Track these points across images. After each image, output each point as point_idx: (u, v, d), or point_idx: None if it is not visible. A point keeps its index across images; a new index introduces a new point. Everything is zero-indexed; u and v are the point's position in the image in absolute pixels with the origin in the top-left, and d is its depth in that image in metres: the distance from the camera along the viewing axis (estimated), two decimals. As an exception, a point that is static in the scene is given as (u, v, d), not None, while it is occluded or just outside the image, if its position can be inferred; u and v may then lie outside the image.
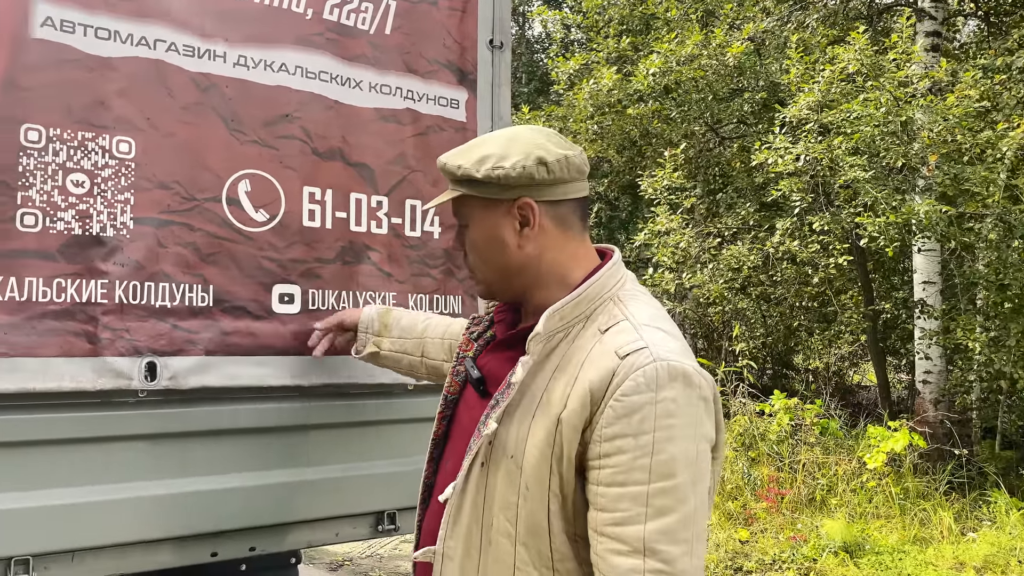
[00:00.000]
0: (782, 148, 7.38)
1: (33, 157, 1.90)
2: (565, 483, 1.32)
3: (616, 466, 1.27)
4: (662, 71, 8.83)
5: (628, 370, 1.29)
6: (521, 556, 1.34)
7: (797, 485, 6.81)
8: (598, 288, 1.42)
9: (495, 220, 1.46)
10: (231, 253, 2.15)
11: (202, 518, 2.06)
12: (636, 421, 1.26)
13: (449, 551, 1.41)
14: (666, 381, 1.28)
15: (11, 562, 1.84)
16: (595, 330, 1.37)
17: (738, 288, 8.67)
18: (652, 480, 1.25)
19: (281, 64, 2.28)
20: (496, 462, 1.37)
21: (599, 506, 1.28)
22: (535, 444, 1.33)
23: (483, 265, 1.50)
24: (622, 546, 1.25)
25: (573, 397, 1.31)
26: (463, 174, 1.44)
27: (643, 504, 1.25)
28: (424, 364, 2.03)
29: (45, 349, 1.87)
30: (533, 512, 1.33)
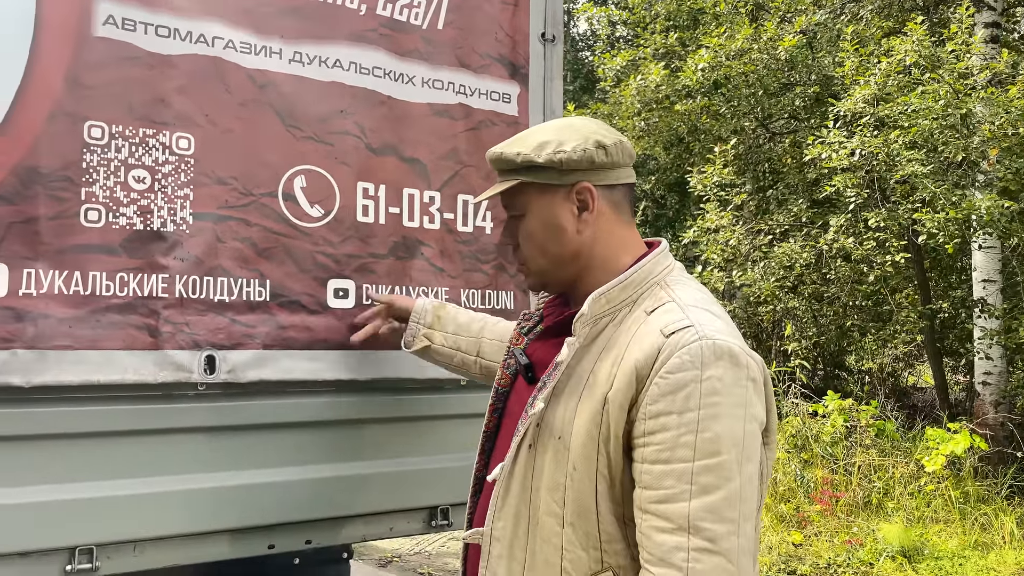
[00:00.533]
0: (836, 143, 7.22)
1: (96, 153, 1.93)
2: (613, 464, 1.33)
3: (661, 443, 1.27)
4: (711, 66, 8.71)
5: (673, 348, 1.29)
6: (568, 537, 1.34)
7: (852, 488, 6.66)
8: (644, 273, 1.43)
9: (553, 206, 1.47)
10: (287, 248, 2.17)
11: (259, 510, 2.08)
12: (681, 398, 1.26)
13: (497, 532, 1.42)
14: (712, 359, 1.28)
15: (75, 551, 1.87)
16: (641, 312, 1.39)
17: (790, 287, 8.51)
18: (697, 457, 1.24)
19: (335, 60, 2.29)
20: (544, 443, 1.38)
21: (644, 484, 1.28)
22: (582, 424, 1.34)
23: (538, 254, 1.50)
24: (666, 523, 1.24)
25: (619, 376, 1.32)
26: (523, 161, 1.45)
27: (687, 481, 1.24)
28: (479, 364, 2.02)
29: (108, 342, 1.90)
30: (581, 493, 1.33)
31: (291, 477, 2.13)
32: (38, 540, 1.83)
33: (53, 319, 1.85)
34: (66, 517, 1.86)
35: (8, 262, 1.82)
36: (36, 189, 1.86)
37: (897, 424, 7.90)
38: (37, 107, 1.87)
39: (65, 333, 1.86)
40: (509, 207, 1.53)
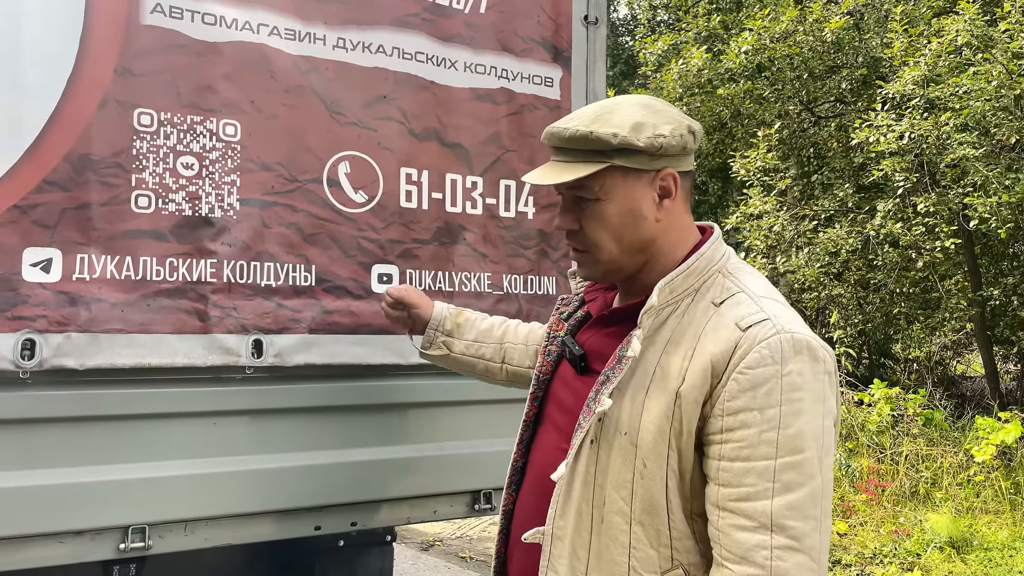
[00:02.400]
0: (885, 126, 7.06)
1: (146, 141, 1.96)
2: (684, 459, 1.29)
3: (741, 440, 1.24)
4: (755, 49, 8.56)
5: (751, 342, 1.25)
6: (637, 535, 1.31)
7: (899, 477, 6.54)
8: (706, 261, 1.39)
9: (636, 192, 1.39)
10: (332, 233, 2.18)
11: (306, 492, 2.11)
12: (762, 394, 1.23)
13: (559, 531, 1.37)
14: (791, 354, 1.25)
15: (128, 530, 1.92)
16: (708, 303, 1.34)
17: (835, 273, 8.35)
18: (779, 455, 1.22)
19: (379, 46, 2.30)
20: (608, 439, 1.34)
21: (722, 481, 1.25)
22: (651, 420, 1.30)
23: (612, 241, 1.40)
24: (747, 521, 1.22)
25: (692, 371, 1.28)
26: (621, 142, 1.34)
27: (770, 479, 1.21)
28: (505, 370, 1.95)
29: (159, 326, 1.94)
30: (650, 490, 1.30)
31: (337, 460, 2.15)
32: (92, 519, 1.88)
33: (106, 303, 1.89)
34: (119, 497, 1.90)
35: (62, 247, 1.86)
36: (88, 176, 1.89)
37: (945, 413, 7.74)
38: (88, 95, 1.91)
39: (117, 317, 1.89)
40: (580, 189, 1.40)
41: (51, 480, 1.83)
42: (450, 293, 2.38)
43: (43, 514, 1.83)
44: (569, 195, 1.43)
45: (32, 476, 1.82)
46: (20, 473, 1.81)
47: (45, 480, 1.83)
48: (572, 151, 1.39)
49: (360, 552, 2.57)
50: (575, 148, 1.38)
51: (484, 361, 1.95)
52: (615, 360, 1.36)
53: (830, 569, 5.40)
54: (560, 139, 1.39)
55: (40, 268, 1.84)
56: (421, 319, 1.98)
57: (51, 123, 1.86)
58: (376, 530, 2.47)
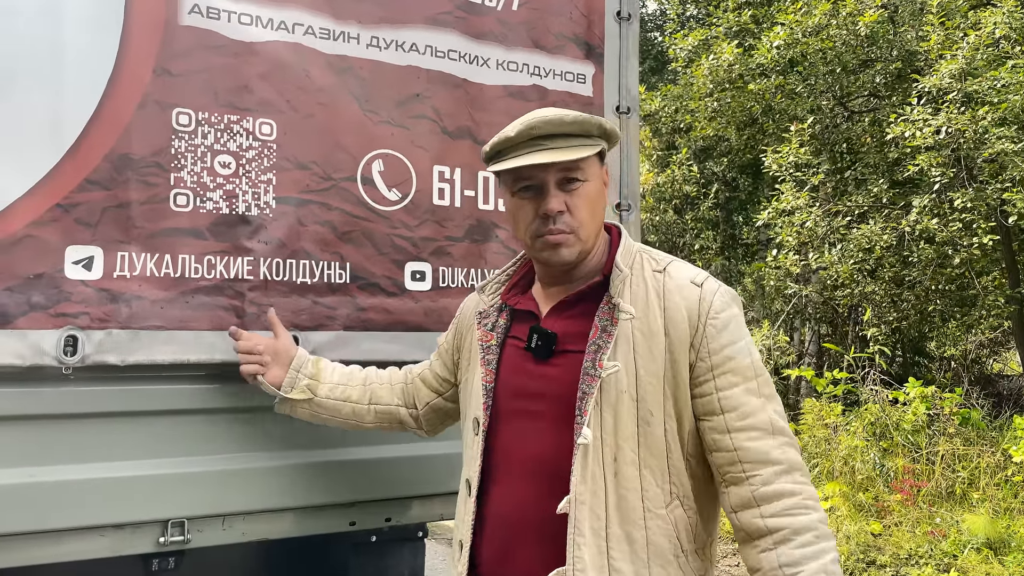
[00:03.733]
0: (920, 120, 6.94)
1: (184, 140, 1.99)
2: (678, 402, 1.52)
3: (732, 370, 1.51)
4: (787, 43, 8.46)
5: (711, 293, 1.54)
6: (646, 478, 1.50)
7: (935, 478, 6.44)
8: (630, 244, 1.64)
9: (600, 175, 1.63)
10: (366, 231, 2.20)
11: (342, 488, 2.13)
12: (732, 331, 1.53)
13: (580, 496, 1.48)
14: (731, 299, 1.58)
15: (168, 524, 1.95)
16: (651, 272, 1.58)
17: (868, 270, 8.23)
18: (757, 373, 1.53)
19: (412, 44, 2.30)
20: (609, 401, 1.50)
21: (725, 408, 1.50)
22: (648, 374, 1.51)
23: (591, 220, 1.60)
24: (757, 432, 1.48)
25: (673, 324, 1.52)
26: (610, 129, 1.61)
27: (760, 395, 1.51)
28: (373, 410, 1.94)
29: (197, 323, 1.96)
30: (655, 435, 1.50)
31: (372, 456, 2.17)
32: (132, 513, 1.91)
33: (146, 300, 1.91)
34: (159, 491, 1.93)
35: (103, 245, 1.89)
36: (128, 175, 1.92)
37: (982, 412, 7.60)
38: (127, 95, 1.93)
39: (157, 314, 1.92)
40: (574, 171, 1.57)
41: (93, 474, 1.87)
42: (483, 290, 2.38)
43: (85, 508, 1.86)
44: (559, 178, 1.57)
45: (74, 470, 1.86)
46: (63, 467, 1.85)
47: (87, 474, 1.86)
48: (566, 136, 1.56)
49: (393, 548, 2.58)
50: (572, 133, 1.56)
51: (351, 404, 1.93)
52: (599, 331, 1.53)
53: (865, 569, 5.34)
54: (563, 124, 1.55)
55: (82, 266, 1.87)
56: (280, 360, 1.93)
57: (92, 123, 1.89)
58: (408, 526, 2.48)
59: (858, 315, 9.27)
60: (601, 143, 1.60)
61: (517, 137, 1.56)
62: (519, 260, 1.80)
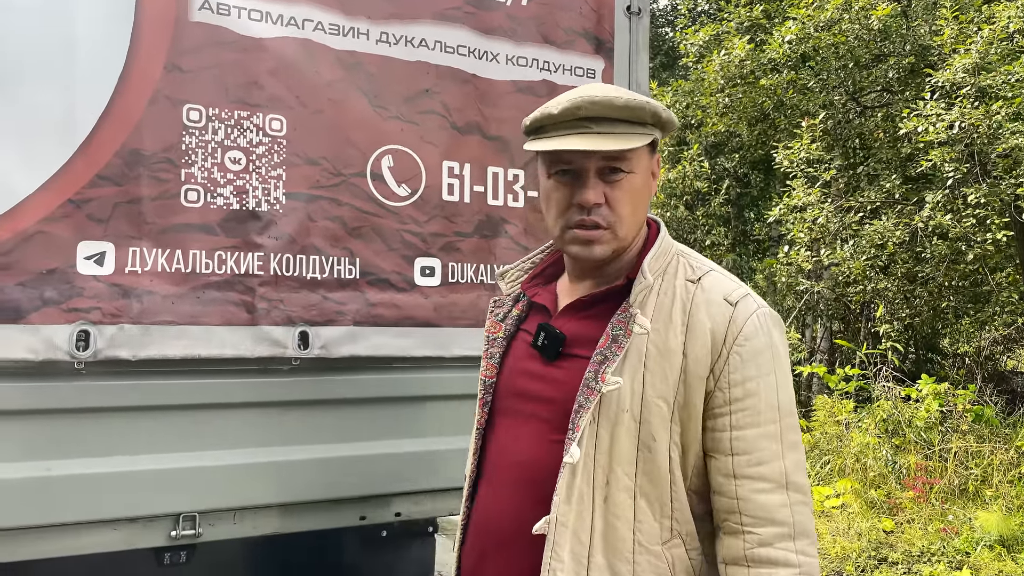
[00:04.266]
0: (934, 115, 6.88)
1: (195, 136, 2.00)
2: (687, 432, 1.34)
3: (751, 408, 1.32)
4: (799, 38, 8.40)
5: (744, 316, 1.34)
6: (642, 509, 1.34)
7: (948, 475, 6.40)
8: (667, 244, 1.45)
9: (649, 169, 1.45)
10: (376, 227, 2.20)
11: (352, 482, 2.13)
12: (761, 363, 1.33)
13: (563, 517, 1.33)
14: (772, 326, 1.36)
15: (180, 518, 1.96)
16: (684, 280, 1.40)
17: (881, 266, 8.19)
18: (781, 417, 1.33)
19: (421, 40, 2.31)
20: (608, 418, 1.33)
21: (736, 450, 1.32)
22: (656, 394, 1.33)
23: (631, 216, 1.41)
24: (766, 484, 1.30)
25: (693, 345, 1.33)
26: (666, 118, 1.40)
27: (778, 441, 1.32)
28: None
29: (208, 318, 1.97)
30: (656, 463, 1.33)
31: (382, 451, 2.18)
32: (144, 507, 1.93)
33: (157, 296, 1.93)
34: (170, 485, 1.94)
35: (115, 241, 1.90)
36: (139, 171, 1.93)
37: (996, 409, 7.55)
38: (139, 92, 1.94)
39: (168, 309, 1.93)
40: (619, 160, 1.38)
41: (106, 468, 1.88)
42: (492, 286, 2.38)
43: (98, 501, 1.88)
44: (601, 166, 1.38)
45: (87, 464, 1.87)
46: (75, 461, 1.86)
47: (100, 468, 1.88)
48: (615, 121, 1.36)
49: (403, 543, 2.59)
50: (621, 119, 1.36)
51: None
52: (609, 339, 1.35)
53: (877, 566, 5.32)
54: (611, 107, 1.35)
55: (94, 261, 1.88)
56: None
57: (103, 119, 1.90)
58: (418, 521, 2.49)
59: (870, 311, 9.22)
60: (654, 132, 1.39)
61: (560, 116, 1.37)
62: (548, 248, 1.63)
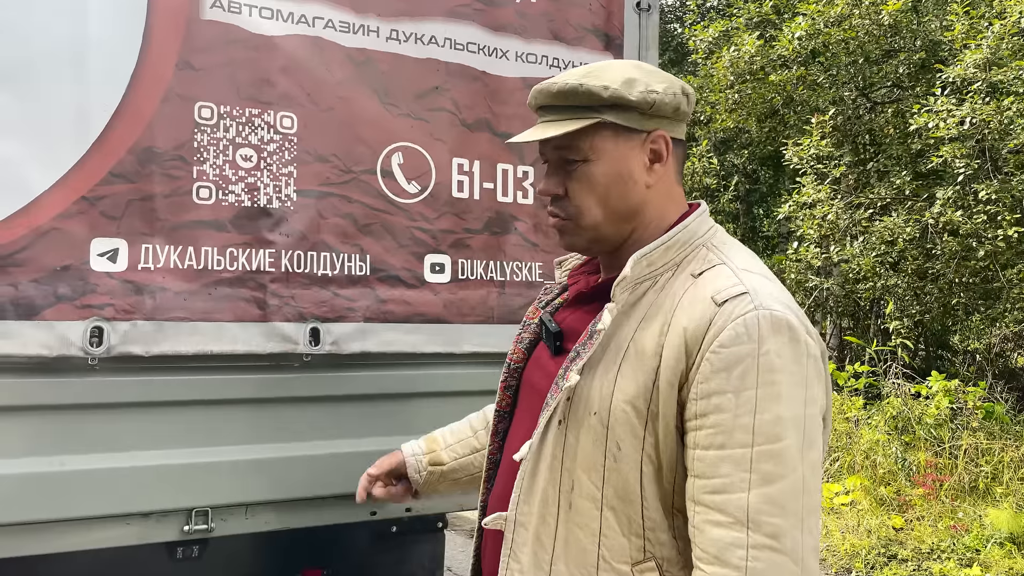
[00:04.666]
0: (944, 111, 6.86)
1: (206, 133, 2.01)
2: (661, 445, 1.18)
3: (715, 426, 1.13)
4: (809, 34, 8.38)
5: (726, 318, 1.15)
6: (608, 521, 1.21)
7: (958, 472, 6.39)
8: (689, 234, 1.30)
9: (626, 153, 1.30)
10: (386, 224, 2.21)
11: (363, 478, 2.14)
12: (736, 375, 1.12)
13: (522, 517, 1.27)
14: (769, 332, 1.14)
15: (192, 513, 1.98)
16: (687, 276, 1.25)
17: (891, 263, 8.16)
18: (756, 442, 1.10)
19: (431, 37, 2.31)
20: (577, 419, 1.24)
21: (696, 472, 1.15)
22: (624, 400, 1.20)
23: (597, 207, 1.30)
24: (722, 516, 1.11)
25: (667, 348, 1.18)
26: (612, 96, 1.26)
27: (746, 469, 1.10)
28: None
29: (220, 314, 1.99)
30: (624, 475, 1.20)
31: (392, 447, 2.17)
32: (157, 502, 1.94)
33: (169, 292, 1.94)
34: (183, 480, 1.96)
35: (127, 238, 1.92)
36: (152, 168, 1.94)
37: (1007, 406, 7.52)
38: (151, 89, 1.96)
39: (180, 305, 1.95)
40: (568, 150, 1.30)
41: (119, 463, 1.90)
42: (501, 282, 2.39)
43: (111, 496, 1.89)
44: (556, 156, 1.33)
45: (101, 459, 1.89)
46: (89, 456, 1.88)
47: (114, 463, 1.90)
48: (560, 108, 1.30)
49: (412, 538, 2.60)
50: (564, 105, 1.30)
51: (478, 454, 1.73)
52: (586, 335, 1.27)
53: (886, 563, 5.31)
54: (548, 95, 1.30)
55: (107, 258, 1.90)
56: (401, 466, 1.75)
57: (116, 116, 1.92)
58: (428, 516, 2.50)
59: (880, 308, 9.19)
60: (602, 115, 1.28)
61: (529, 107, 1.38)
62: None
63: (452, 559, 5.06)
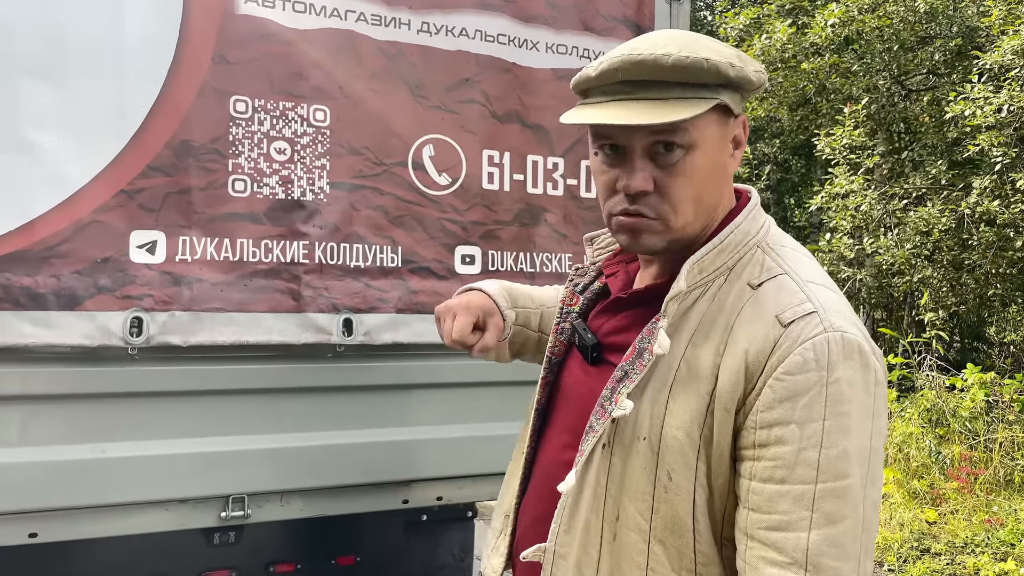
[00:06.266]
0: (981, 98, 6.73)
1: (241, 127, 2.04)
2: (714, 473, 1.09)
3: (775, 459, 1.03)
4: (842, 21, 8.25)
5: (793, 341, 1.04)
6: (656, 555, 1.11)
7: (993, 465, 6.30)
8: (741, 234, 1.15)
9: (723, 140, 1.13)
10: (417, 216, 2.23)
11: (396, 466, 2.17)
12: (802, 406, 1.02)
13: (562, 548, 1.16)
14: (840, 358, 1.03)
15: (229, 499, 2.02)
16: (744, 285, 1.11)
17: (926, 254, 8.04)
18: (820, 479, 1.01)
19: (462, 29, 2.32)
20: (623, 444, 1.12)
21: (751, 505, 1.05)
22: (677, 426, 1.09)
23: (691, 203, 1.12)
24: (778, 555, 1.02)
25: (725, 371, 1.07)
26: (737, 75, 1.08)
27: (807, 507, 1.02)
28: (540, 339, 1.55)
29: (256, 305, 2.02)
30: (675, 506, 1.10)
31: (424, 436, 2.21)
32: (196, 488, 1.99)
33: (206, 283, 1.98)
34: (220, 468, 2.00)
35: (165, 230, 1.96)
36: (188, 161, 1.98)
37: (1045, 400, 7.39)
38: (188, 83, 1.99)
39: (217, 296, 1.98)
40: (673, 134, 1.08)
41: (159, 451, 1.95)
42: (531, 274, 2.40)
43: (151, 483, 1.94)
44: (646, 144, 1.09)
45: (141, 447, 1.94)
46: (130, 444, 1.93)
47: (153, 451, 1.94)
48: (665, 85, 1.07)
49: (443, 527, 2.63)
50: (672, 81, 1.07)
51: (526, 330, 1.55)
52: (634, 353, 1.13)
53: (919, 557, 5.25)
54: (654, 68, 1.06)
55: (146, 250, 1.94)
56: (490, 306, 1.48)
57: (154, 110, 1.95)
58: (458, 506, 2.52)
59: (914, 300, 9.07)
60: (719, 95, 1.09)
61: (597, 79, 1.11)
62: None
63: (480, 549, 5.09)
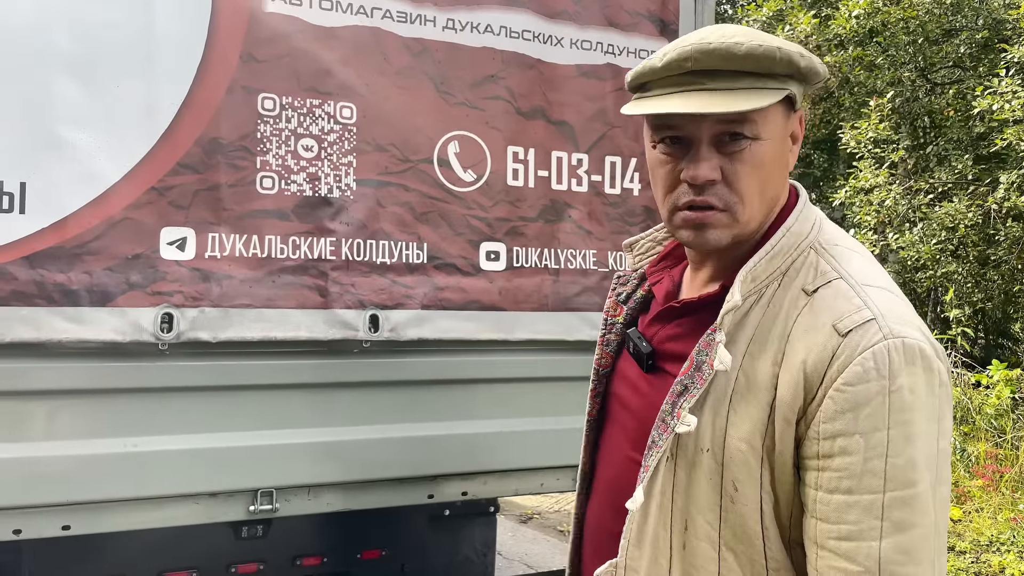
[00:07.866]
0: (1008, 92, 6.64)
1: (269, 124, 2.05)
2: (779, 480, 1.09)
3: (841, 470, 1.03)
4: (867, 13, 8.17)
5: (852, 351, 1.02)
6: (729, 564, 1.12)
7: (1019, 463, 6.23)
8: (793, 237, 1.13)
9: (785, 133, 1.13)
10: (442, 212, 2.24)
11: (421, 462, 2.19)
12: (865, 416, 1.01)
13: (633, 562, 1.17)
14: (902, 365, 1.02)
15: (258, 493, 2.04)
16: (799, 291, 1.10)
17: (951, 250, 7.95)
18: (888, 488, 1.01)
19: (486, 25, 2.32)
20: (687, 456, 1.13)
21: (819, 515, 1.06)
22: (740, 436, 1.09)
23: (758, 194, 1.11)
24: (851, 565, 1.03)
25: (784, 382, 1.06)
26: (807, 66, 1.08)
27: (877, 516, 1.02)
28: None
29: (283, 301, 2.04)
30: (743, 514, 1.10)
31: (449, 432, 2.22)
32: (226, 482, 2.01)
33: (235, 280, 2.00)
34: (249, 462, 2.02)
35: (195, 227, 1.98)
36: (217, 159, 2.00)
37: (1072, 397, 7.30)
38: (217, 81, 2.01)
39: (246, 293, 2.00)
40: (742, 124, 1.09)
41: (189, 445, 1.97)
42: (556, 270, 2.40)
43: (181, 477, 1.96)
44: (714, 132, 1.09)
45: (171, 441, 1.96)
46: (161, 438, 1.95)
47: (183, 445, 1.97)
48: (737, 74, 1.08)
49: (465, 522, 2.64)
50: (741, 71, 1.07)
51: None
52: (692, 366, 1.12)
53: (943, 556, 5.21)
54: (725, 57, 1.06)
55: (176, 246, 1.96)
56: None
57: (184, 108, 1.97)
58: (481, 501, 2.54)
59: (938, 296, 8.98)
60: (788, 86, 1.09)
61: (664, 70, 1.09)
62: None
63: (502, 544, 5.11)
